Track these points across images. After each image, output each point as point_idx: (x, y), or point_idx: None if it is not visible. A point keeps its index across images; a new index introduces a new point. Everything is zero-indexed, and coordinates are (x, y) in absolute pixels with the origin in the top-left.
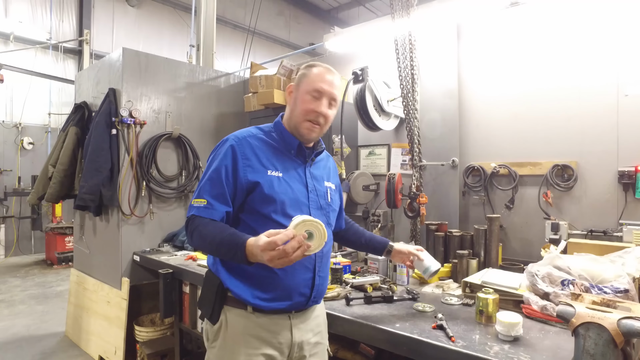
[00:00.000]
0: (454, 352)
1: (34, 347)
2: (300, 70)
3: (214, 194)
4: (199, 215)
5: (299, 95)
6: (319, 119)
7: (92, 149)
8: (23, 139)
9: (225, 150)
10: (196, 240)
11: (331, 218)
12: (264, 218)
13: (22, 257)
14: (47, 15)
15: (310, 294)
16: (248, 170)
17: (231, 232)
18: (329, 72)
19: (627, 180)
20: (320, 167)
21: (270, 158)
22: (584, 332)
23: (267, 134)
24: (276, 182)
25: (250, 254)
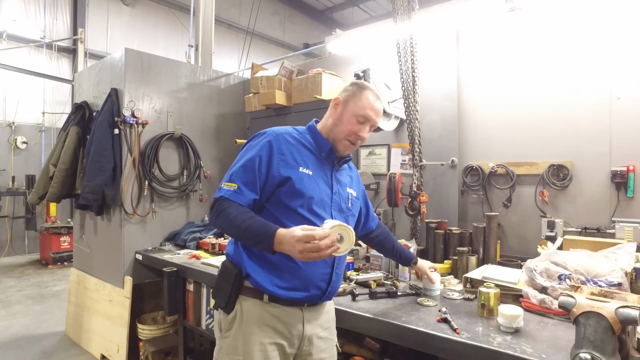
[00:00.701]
0: (460, 344)
1: (34, 347)
2: (350, 87)
3: (246, 180)
4: (228, 198)
5: (345, 113)
6: (357, 141)
7: (95, 148)
8: (16, 138)
9: (263, 143)
10: (222, 220)
11: (349, 222)
12: (290, 211)
13: (15, 257)
14: (40, 13)
15: (326, 289)
16: (282, 164)
17: (260, 219)
18: (378, 100)
19: (620, 180)
20: (344, 174)
21: (302, 156)
22: (584, 321)
23: (301, 134)
24: (306, 178)
25: (277, 243)
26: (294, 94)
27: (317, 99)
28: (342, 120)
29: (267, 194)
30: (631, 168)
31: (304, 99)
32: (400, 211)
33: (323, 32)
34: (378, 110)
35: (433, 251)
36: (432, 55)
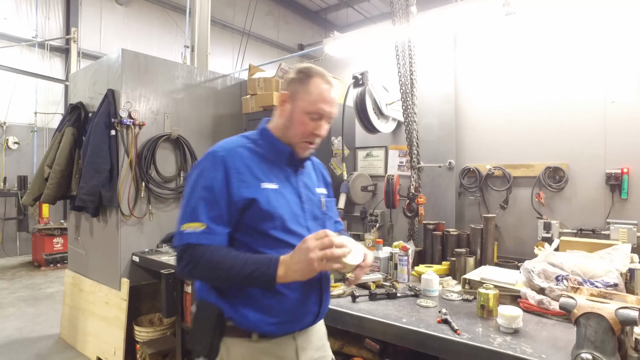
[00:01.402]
0: (461, 344)
1: (28, 350)
2: (294, 75)
3: (212, 215)
4: (199, 243)
5: (295, 112)
6: (316, 140)
7: (92, 150)
8: (8, 139)
9: (216, 164)
10: (202, 271)
11: (327, 227)
12: (262, 235)
13: (7, 259)
14: (32, 11)
15: (319, 311)
16: (242, 185)
17: (250, 254)
18: (330, 88)
19: (614, 182)
20: (308, 173)
21: (263, 169)
22: (585, 322)
23: (255, 142)
24: (273, 195)
25: (283, 267)
26: None
27: None
28: (293, 121)
29: (233, 223)
30: (625, 170)
31: None
32: (397, 213)
33: (317, 33)
34: (332, 100)
35: (431, 252)
36: (430, 58)
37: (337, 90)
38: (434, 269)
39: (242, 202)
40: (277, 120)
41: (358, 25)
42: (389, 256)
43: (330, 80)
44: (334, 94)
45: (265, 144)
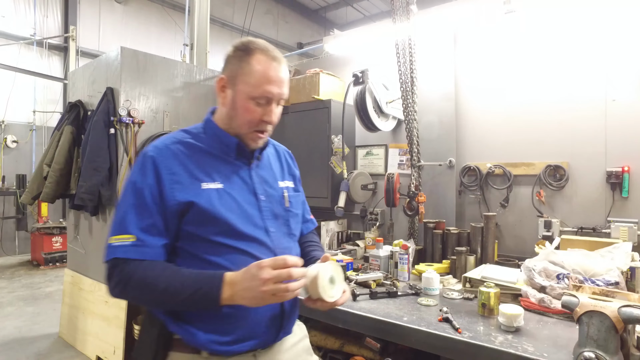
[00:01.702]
0: (462, 343)
1: (27, 349)
2: (233, 54)
3: (143, 225)
4: (127, 258)
5: (237, 98)
6: (267, 127)
7: (91, 148)
8: (6, 137)
9: (145, 167)
10: (134, 291)
11: (292, 226)
12: (208, 243)
13: (5, 259)
14: (30, 10)
15: (280, 326)
16: (176, 188)
17: (189, 271)
18: (274, 64)
19: (615, 180)
20: (268, 165)
21: (203, 166)
22: (588, 320)
23: (196, 136)
24: (216, 196)
25: (228, 286)
26: (291, 94)
27: (315, 99)
28: (236, 108)
29: (173, 231)
30: (626, 169)
31: (301, 99)
32: (398, 211)
33: (316, 32)
34: (280, 79)
35: (431, 251)
36: (430, 56)
37: (283, 65)
38: (435, 268)
39: (177, 206)
40: (220, 109)
41: (357, 23)
42: (390, 255)
43: (276, 55)
44: (280, 73)
45: (208, 137)
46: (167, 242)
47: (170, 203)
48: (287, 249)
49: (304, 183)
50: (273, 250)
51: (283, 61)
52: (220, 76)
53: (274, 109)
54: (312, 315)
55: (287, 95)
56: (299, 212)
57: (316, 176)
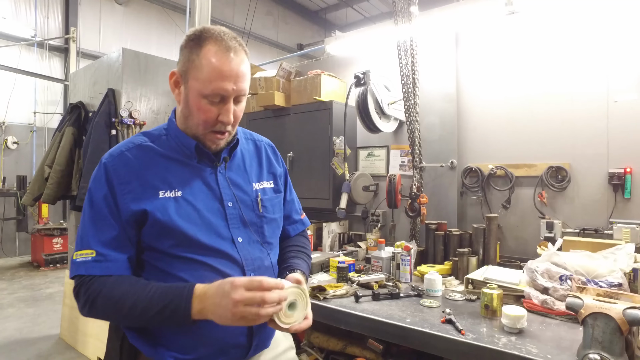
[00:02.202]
0: (465, 344)
1: (27, 351)
2: (185, 45)
3: (104, 239)
4: (91, 275)
5: (190, 96)
6: (226, 128)
7: (92, 149)
8: (7, 139)
9: (99, 177)
10: (102, 310)
11: (267, 233)
12: (169, 256)
13: (6, 260)
14: (31, 11)
15: (250, 342)
16: (129, 197)
17: (157, 285)
18: (228, 56)
19: (617, 182)
20: (241, 164)
21: (161, 173)
22: (592, 322)
23: (157, 139)
24: (172, 206)
25: (198, 300)
26: (292, 95)
27: (316, 101)
28: (189, 107)
29: (134, 243)
30: (628, 170)
31: (303, 100)
32: (399, 212)
33: (317, 33)
34: (235, 72)
35: (433, 252)
36: (432, 58)
37: (240, 55)
38: (437, 269)
39: (132, 216)
40: (178, 107)
41: (357, 25)
42: (392, 256)
43: (230, 44)
44: (237, 63)
45: (170, 138)
46: (131, 254)
47: (124, 214)
48: (257, 259)
49: (306, 184)
50: (240, 263)
51: (241, 51)
52: (172, 70)
53: (230, 108)
54: (314, 317)
55: (246, 90)
56: (277, 215)
57: (317, 177)
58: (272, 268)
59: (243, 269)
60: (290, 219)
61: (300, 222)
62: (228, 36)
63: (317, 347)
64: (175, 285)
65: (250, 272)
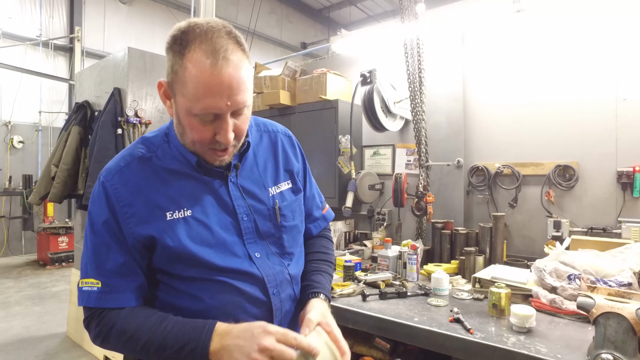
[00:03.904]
0: (474, 344)
1: (35, 348)
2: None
3: (109, 267)
4: (99, 307)
5: (180, 113)
6: (227, 147)
7: (98, 148)
8: (13, 138)
9: (99, 197)
10: (116, 344)
11: (287, 244)
12: (183, 279)
13: (12, 258)
14: (36, 11)
15: None
16: (132, 221)
17: (176, 319)
18: (215, 65)
19: (626, 180)
20: (254, 167)
21: (166, 190)
22: (604, 322)
23: (159, 148)
24: (183, 228)
25: (219, 339)
26: (298, 94)
27: (322, 99)
28: (182, 125)
29: (145, 266)
30: (637, 168)
31: (308, 99)
32: (405, 211)
33: (320, 32)
34: (227, 84)
35: (439, 251)
36: (438, 57)
37: (234, 59)
38: (443, 268)
39: (139, 243)
40: (174, 122)
41: (361, 23)
42: (398, 255)
43: (219, 45)
44: (227, 72)
45: (172, 147)
46: (141, 281)
47: (130, 239)
48: (279, 274)
49: None
50: (262, 279)
51: (234, 51)
52: (160, 80)
53: (228, 126)
54: None
55: (245, 101)
56: (298, 220)
57: (323, 176)
58: (293, 281)
59: (265, 285)
60: (312, 216)
61: (322, 218)
62: (218, 33)
63: None
64: (194, 322)
65: (272, 287)
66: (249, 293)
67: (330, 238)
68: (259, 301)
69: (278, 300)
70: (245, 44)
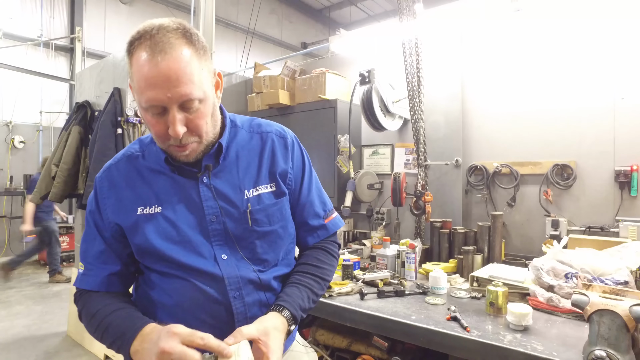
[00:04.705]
0: (471, 341)
1: (36, 348)
2: (127, 53)
3: (92, 253)
4: (79, 288)
5: (140, 107)
6: (186, 139)
7: (98, 148)
8: (14, 138)
9: (92, 192)
10: (85, 324)
11: (260, 250)
12: (153, 271)
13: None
14: (37, 11)
15: None
16: (109, 211)
17: (123, 312)
18: (154, 58)
19: (623, 179)
20: (233, 169)
21: (142, 187)
22: (598, 319)
23: (147, 147)
24: (151, 223)
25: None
26: (297, 94)
27: (321, 99)
28: (144, 119)
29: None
30: (635, 167)
31: (307, 98)
32: (404, 210)
33: (320, 31)
34: (165, 76)
35: (438, 250)
36: (437, 56)
37: (175, 53)
38: (442, 267)
39: (116, 232)
40: None
41: (361, 23)
42: (397, 254)
43: (161, 40)
44: (165, 64)
45: (156, 149)
46: (117, 268)
47: (109, 229)
48: (242, 278)
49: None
50: (223, 280)
51: (178, 45)
52: (129, 81)
53: (175, 119)
54: (319, 314)
55: (191, 93)
56: (277, 226)
57: (322, 175)
58: (263, 286)
59: (225, 287)
60: (307, 225)
61: (323, 228)
62: (165, 29)
63: (323, 345)
64: (132, 319)
65: (233, 290)
66: (209, 293)
67: (330, 250)
68: (218, 302)
69: (241, 303)
70: (200, 42)
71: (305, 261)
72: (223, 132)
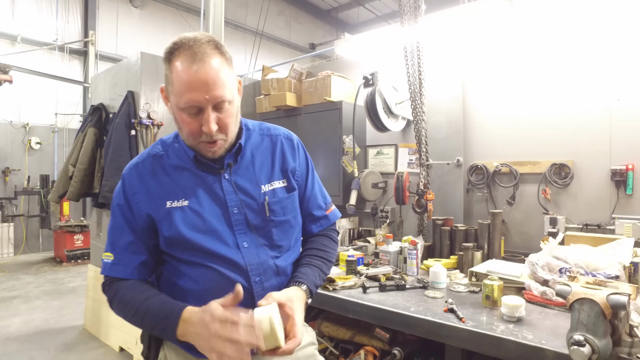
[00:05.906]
0: (465, 331)
1: (55, 339)
2: (163, 57)
3: (121, 244)
4: (109, 276)
5: (174, 110)
6: (215, 137)
7: (113, 149)
8: (31, 139)
9: (118, 187)
10: (118, 310)
11: (275, 237)
12: (179, 260)
13: (30, 255)
14: (52, 16)
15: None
16: (141, 205)
17: (159, 298)
18: (193, 66)
19: (619, 178)
20: (250, 166)
21: (169, 183)
22: (579, 307)
23: (170, 147)
24: (179, 215)
25: (184, 325)
26: (304, 96)
27: (326, 101)
28: (177, 121)
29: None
30: (630, 167)
31: (313, 100)
32: (407, 209)
33: (328, 32)
34: (201, 81)
35: (439, 247)
36: (438, 59)
37: (210, 61)
38: (443, 263)
39: (146, 224)
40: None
41: (369, 23)
42: (399, 250)
43: (199, 50)
44: (204, 71)
45: (179, 148)
46: (145, 258)
47: (139, 220)
48: (263, 263)
49: None
50: (245, 268)
51: (212, 55)
52: (161, 86)
53: (209, 117)
54: (324, 307)
55: (223, 96)
56: (290, 216)
57: (328, 175)
58: (279, 272)
59: (247, 273)
60: (313, 216)
61: (325, 218)
62: (200, 42)
63: (327, 336)
64: (170, 303)
65: (255, 276)
66: (233, 279)
67: (332, 237)
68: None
69: (260, 288)
70: (227, 53)
71: (313, 246)
72: (240, 134)
